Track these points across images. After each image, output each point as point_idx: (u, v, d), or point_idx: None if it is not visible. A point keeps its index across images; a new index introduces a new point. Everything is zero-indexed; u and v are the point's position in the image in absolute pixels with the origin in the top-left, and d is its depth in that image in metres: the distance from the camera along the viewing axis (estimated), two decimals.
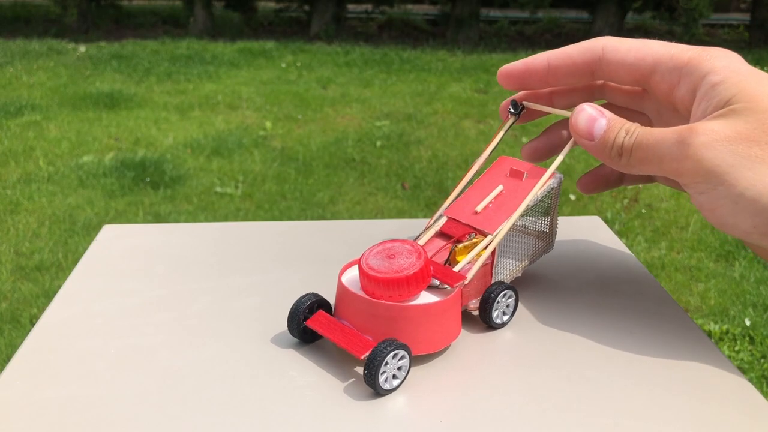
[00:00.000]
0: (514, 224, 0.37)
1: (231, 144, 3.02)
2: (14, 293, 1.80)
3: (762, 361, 1.55)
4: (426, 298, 0.34)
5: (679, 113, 0.37)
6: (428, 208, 2.38)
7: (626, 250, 0.47)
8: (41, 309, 1.70)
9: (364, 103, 3.82)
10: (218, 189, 2.54)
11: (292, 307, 0.35)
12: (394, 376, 0.31)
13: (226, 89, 4.08)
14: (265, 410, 0.30)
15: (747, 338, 1.63)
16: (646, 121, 0.41)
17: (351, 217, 2.28)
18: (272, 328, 0.37)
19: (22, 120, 3.33)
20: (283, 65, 4.91)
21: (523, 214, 0.38)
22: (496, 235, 0.36)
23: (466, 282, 0.35)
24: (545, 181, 0.37)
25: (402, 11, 7.39)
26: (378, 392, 0.31)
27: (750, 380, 0.65)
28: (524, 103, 0.41)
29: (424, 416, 0.30)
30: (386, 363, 0.31)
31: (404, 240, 0.35)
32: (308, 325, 0.34)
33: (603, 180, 0.44)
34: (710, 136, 0.32)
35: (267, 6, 7.47)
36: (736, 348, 1.59)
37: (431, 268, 0.34)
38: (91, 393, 0.31)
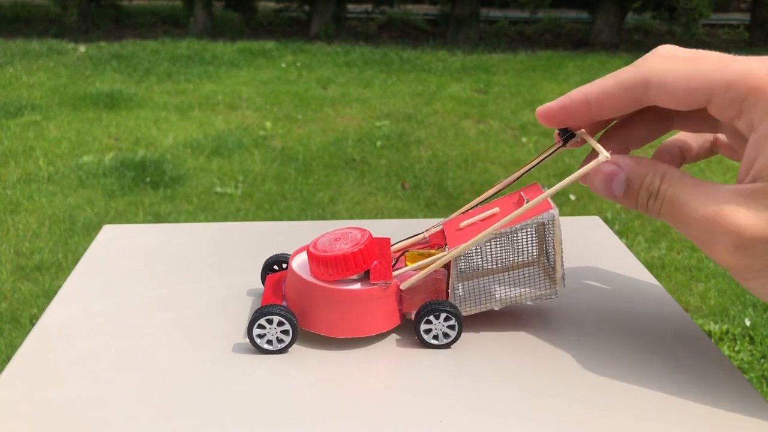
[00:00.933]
0: (497, 257, 0.36)
1: (231, 144, 3.02)
2: (14, 293, 1.80)
3: (762, 361, 1.55)
4: (347, 285, 0.35)
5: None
6: (428, 208, 2.38)
7: (626, 250, 0.47)
8: (41, 309, 1.70)
9: (364, 103, 3.82)
10: (218, 189, 2.54)
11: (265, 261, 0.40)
12: (279, 340, 0.34)
13: (226, 89, 4.08)
14: (265, 410, 0.30)
15: (747, 338, 1.63)
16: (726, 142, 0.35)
17: (351, 217, 2.28)
18: None
19: (22, 120, 3.33)
20: (283, 65, 4.91)
21: (493, 240, 0.35)
22: (447, 253, 0.35)
23: (390, 282, 0.35)
24: (525, 210, 0.34)
25: (402, 11, 7.38)
26: (252, 345, 0.34)
27: (750, 380, 0.65)
28: (576, 132, 0.36)
29: (424, 416, 0.30)
30: (262, 326, 0.34)
31: (363, 230, 0.36)
32: (267, 277, 0.39)
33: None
34: (739, 240, 0.28)
35: (267, 6, 7.46)
36: (736, 348, 1.59)
37: (369, 260, 0.35)
38: (91, 393, 0.31)
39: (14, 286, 1.84)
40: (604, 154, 0.32)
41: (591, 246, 0.47)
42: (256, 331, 0.34)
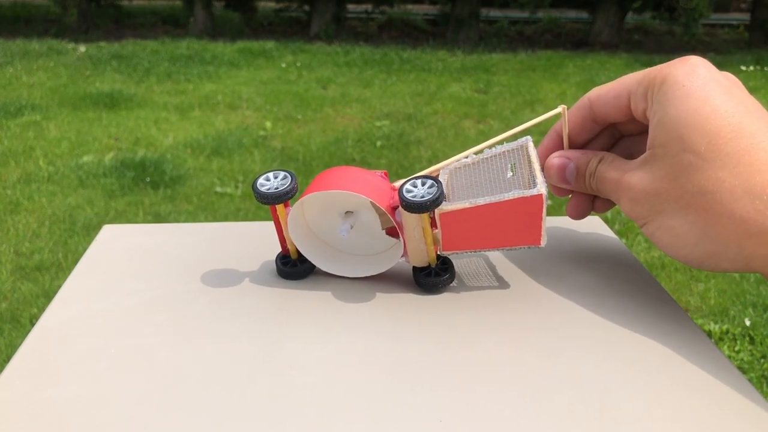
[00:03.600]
0: (480, 180, 0.40)
1: (231, 144, 3.02)
2: (14, 293, 1.80)
3: (762, 361, 1.55)
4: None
5: None
6: None
7: (626, 250, 0.47)
8: (41, 309, 1.70)
9: (364, 103, 3.82)
10: (218, 189, 2.54)
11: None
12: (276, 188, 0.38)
13: (226, 89, 4.08)
14: (265, 410, 0.30)
15: (747, 338, 1.63)
16: None
17: None
18: (272, 327, 0.37)
19: (22, 120, 3.33)
20: (283, 65, 4.91)
21: (475, 164, 0.40)
22: (434, 166, 0.40)
23: (385, 174, 0.40)
24: (499, 138, 0.40)
25: (402, 11, 7.39)
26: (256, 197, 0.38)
27: (750, 380, 0.65)
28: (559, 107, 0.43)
29: (424, 416, 0.30)
30: (267, 179, 0.38)
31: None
32: None
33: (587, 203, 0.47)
34: (631, 193, 0.37)
35: (267, 6, 7.47)
36: (736, 348, 1.60)
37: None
38: (91, 393, 0.31)
39: (14, 286, 1.84)
40: (561, 106, 0.41)
41: (591, 246, 0.47)
42: (262, 179, 0.38)
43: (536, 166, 0.39)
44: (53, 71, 4.48)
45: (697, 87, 0.35)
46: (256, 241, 0.47)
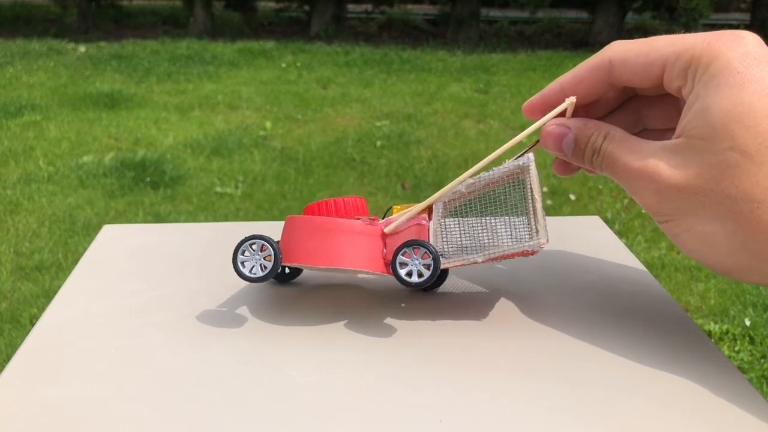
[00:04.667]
0: (477, 205, 0.37)
1: (231, 144, 3.02)
2: (14, 293, 1.80)
3: (762, 361, 1.55)
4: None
5: None
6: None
7: (626, 250, 0.47)
8: (41, 309, 1.70)
9: (364, 103, 3.82)
10: (218, 189, 2.54)
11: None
12: (262, 267, 0.36)
13: (226, 89, 4.08)
14: (265, 410, 0.30)
15: (747, 338, 1.63)
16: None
17: None
18: (272, 328, 0.37)
19: (22, 120, 3.33)
20: (283, 65, 4.91)
21: (472, 187, 0.36)
22: (428, 199, 0.37)
23: (372, 218, 0.37)
24: (496, 155, 0.37)
25: (402, 11, 7.39)
26: (237, 273, 0.36)
27: (750, 380, 0.65)
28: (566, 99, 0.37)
29: (424, 416, 0.30)
30: (244, 252, 0.36)
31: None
32: None
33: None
34: (657, 184, 0.32)
35: (267, 6, 7.47)
36: (736, 348, 1.59)
37: (355, 212, 0.38)
38: (91, 393, 0.31)
39: (14, 286, 1.84)
40: (570, 99, 0.36)
41: (591, 246, 0.47)
42: (241, 253, 0.36)
43: (537, 199, 0.36)
44: (53, 71, 4.48)
45: (756, 76, 0.30)
46: None
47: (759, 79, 0.30)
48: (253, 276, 0.35)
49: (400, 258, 0.35)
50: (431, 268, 0.35)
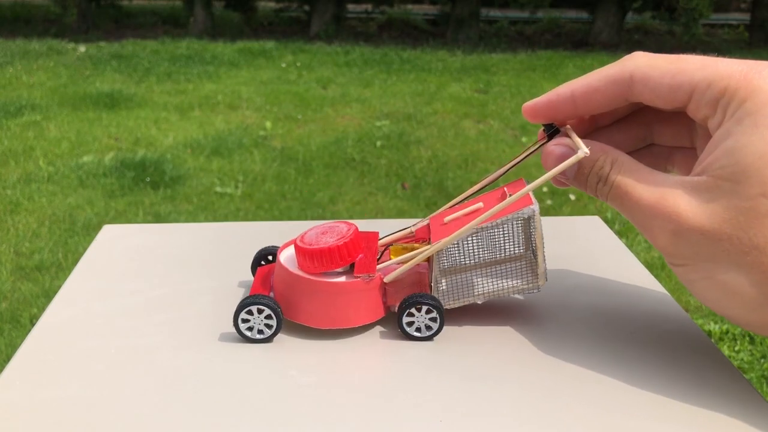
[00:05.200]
0: (478, 252, 0.36)
1: (231, 144, 3.02)
2: (14, 293, 1.80)
3: (762, 361, 1.55)
4: (332, 277, 0.36)
5: None
6: (428, 208, 2.38)
7: (626, 250, 0.47)
8: (41, 309, 1.70)
9: (364, 103, 3.82)
10: (218, 189, 2.54)
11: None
12: (260, 331, 0.35)
13: (226, 89, 4.08)
14: (265, 410, 0.30)
15: (747, 338, 1.63)
16: (692, 157, 0.35)
17: (351, 217, 2.28)
18: None
19: (22, 120, 3.33)
20: (283, 65, 4.91)
21: (474, 234, 0.35)
22: (429, 248, 0.36)
23: (373, 276, 0.35)
24: (506, 205, 0.34)
25: (402, 11, 7.38)
26: (237, 333, 0.35)
27: (750, 380, 0.65)
28: (561, 128, 0.36)
29: (424, 416, 0.30)
30: (249, 312, 0.35)
31: (350, 223, 0.37)
32: (257, 269, 0.39)
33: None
34: (677, 224, 0.29)
35: (267, 6, 7.46)
36: (736, 348, 1.59)
37: (354, 253, 0.36)
38: (92, 393, 0.31)
39: (14, 286, 1.84)
40: (583, 150, 0.33)
41: (591, 246, 0.47)
42: (242, 318, 0.35)
43: (540, 246, 0.35)
44: (53, 71, 4.47)
45: None
46: (256, 241, 0.47)
47: None
48: (254, 337, 0.35)
49: (406, 318, 0.35)
50: (437, 321, 0.35)
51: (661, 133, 0.37)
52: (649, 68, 0.32)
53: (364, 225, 0.50)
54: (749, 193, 0.28)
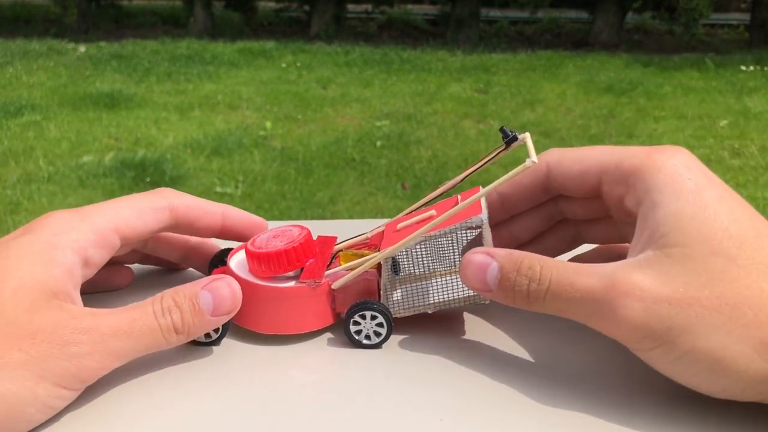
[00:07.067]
0: (427, 260, 0.35)
1: (231, 144, 3.02)
2: None
3: None
4: (280, 282, 0.35)
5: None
6: None
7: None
8: None
9: (364, 103, 3.82)
10: (218, 189, 2.55)
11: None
12: (207, 335, 0.34)
13: (226, 89, 4.08)
14: (265, 410, 0.30)
15: None
16: (611, 226, 0.37)
17: (351, 217, 2.28)
18: None
19: (22, 120, 3.34)
20: (283, 65, 4.92)
21: (423, 243, 0.34)
22: (378, 254, 0.35)
23: (319, 282, 0.35)
24: (454, 213, 0.33)
25: (402, 11, 7.39)
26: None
27: None
28: (519, 136, 0.34)
29: (424, 416, 0.30)
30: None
31: (303, 227, 0.37)
32: (213, 271, 0.38)
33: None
34: (640, 300, 0.28)
35: (267, 6, 7.47)
36: None
37: (303, 259, 0.35)
38: (92, 393, 0.31)
39: None
40: (532, 159, 0.31)
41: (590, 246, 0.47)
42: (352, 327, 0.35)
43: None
44: (53, 71, 4.48)
45: (706, 183, 0.30)
46: None
47: (705, 185, 0.30)
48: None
49: (353, 327, 0.35)
50: (385, 327, 0.35)
51: (589, 231, 0.39)
52: (560, 156, 0.35)
53: (364, 225, 0.50)
54: (700, 253, 0.28)
